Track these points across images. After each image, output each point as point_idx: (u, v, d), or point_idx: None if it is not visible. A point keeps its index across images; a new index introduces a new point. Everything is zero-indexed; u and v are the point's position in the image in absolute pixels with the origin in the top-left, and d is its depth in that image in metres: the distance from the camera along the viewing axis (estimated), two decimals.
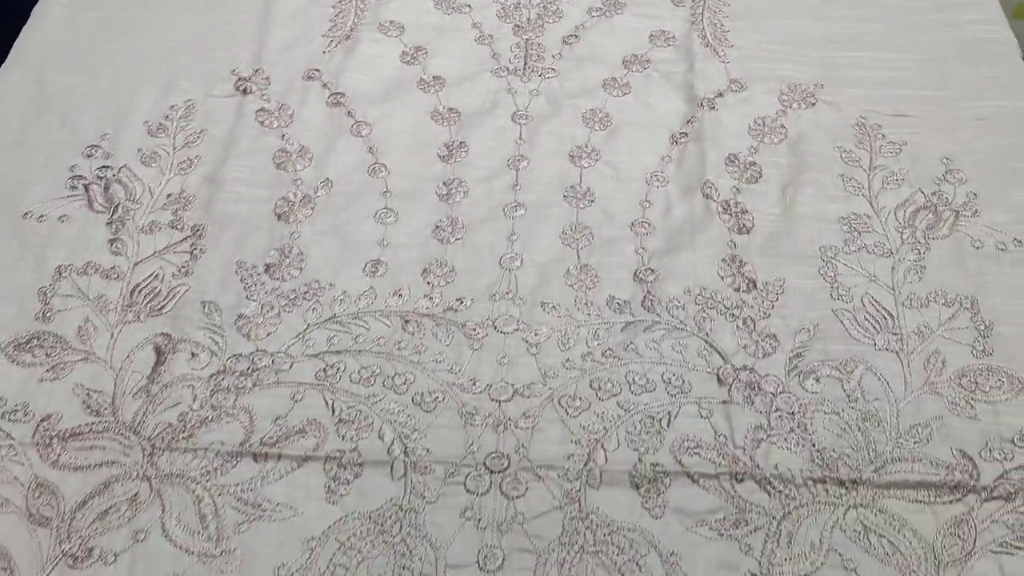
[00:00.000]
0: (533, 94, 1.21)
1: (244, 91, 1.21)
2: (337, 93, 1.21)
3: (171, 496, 0.86)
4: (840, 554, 0.82)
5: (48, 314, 0.99)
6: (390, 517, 0.85)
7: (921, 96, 1.19)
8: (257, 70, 1.23)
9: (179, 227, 1.07)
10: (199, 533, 0.84)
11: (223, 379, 0.94)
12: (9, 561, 0.83)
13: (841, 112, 1.18)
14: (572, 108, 1.19)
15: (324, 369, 0.95)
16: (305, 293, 1.01)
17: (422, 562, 0.83)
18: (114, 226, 1.07)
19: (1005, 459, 0.88)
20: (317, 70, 1.24)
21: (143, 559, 0.83)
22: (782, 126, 1.16)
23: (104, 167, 1.13)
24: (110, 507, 0.86)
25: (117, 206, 1.09)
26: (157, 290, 1.02)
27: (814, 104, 1.19)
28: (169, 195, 1.10)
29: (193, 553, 0.83)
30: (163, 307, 1.00)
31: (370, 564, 0.82)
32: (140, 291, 1.01)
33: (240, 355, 0.96)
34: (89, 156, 1.14)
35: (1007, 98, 1.18)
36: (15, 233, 1.06)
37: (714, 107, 1.18)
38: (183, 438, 0.90)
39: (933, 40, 1.25)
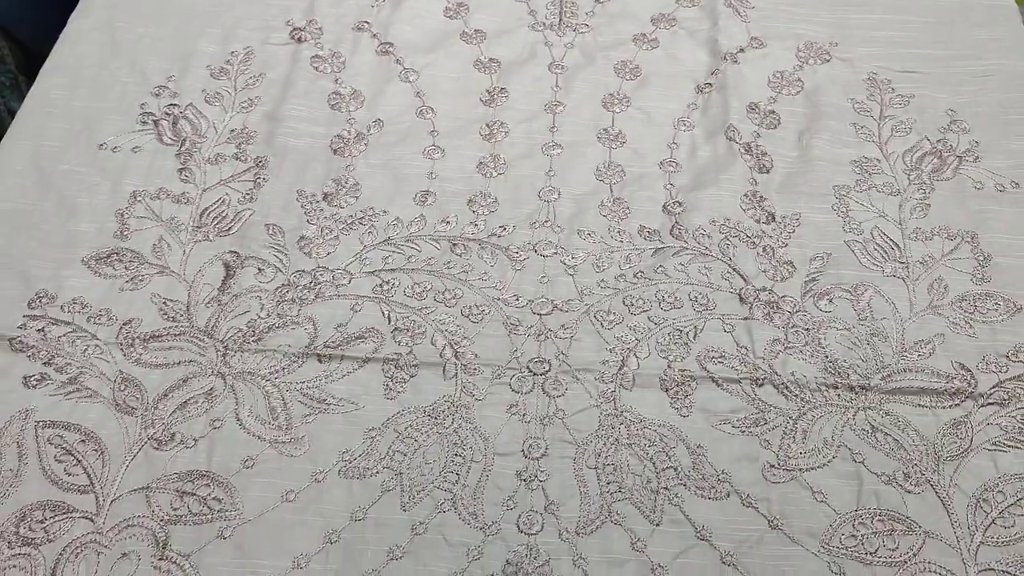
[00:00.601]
0: (568, 47, 1.30)
1: (299, 39, 1.30)
2: (386, 43, 1.30)
3: (243, 391, 0.96)
4: (850, 449, 0.91)
5: (125, 232, 1.08)
6: (443, 411, 0.94)
7: (929, 55, 1.27)
8: (310, 21, 1.32)
9: (242, 159, 1.16)
10: (270, 423, 0.94)
11: (288, 291, 1.03)
12: (99, 443, 0.92)
13: (854, 68, 1.26)
14: (604, 60, 1.28)
15: (380, 284, 1.04)
16: (361, 218, 1.10)
17: (472, 450, 0.92)
18: (182, 157, 1.16)
19: (1000, 371, 0.97)
20: (366, 22, 1.32)
21: (220, 444, 0.92)
22: (799, 79, 1.25)
23: (172, 105, 1.22)
24: (189, 399, 0.95)
25: (185, 139, 1.18)
26: (224, 213, 1.11)
27: (829, 60, 1.28)
28: (232, 131, 1.19)
29: (265, 439, 0.93)
30: (230, 228, 1.09)
31: (426, 451, 0.92)
32: (208, 214, 1.10)
33: (303, 271, 1.05)
34: (157, 95, 1.23)
35: (1007, 58, 1.26)
36: (92, 161, 1.15)
37: (736, 61, 1.27)
38: (252, 341, 0.99)
39: (940, 4, 1.34)
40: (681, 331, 1.00)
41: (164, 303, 1.02)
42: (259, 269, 1.05)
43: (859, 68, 1.26)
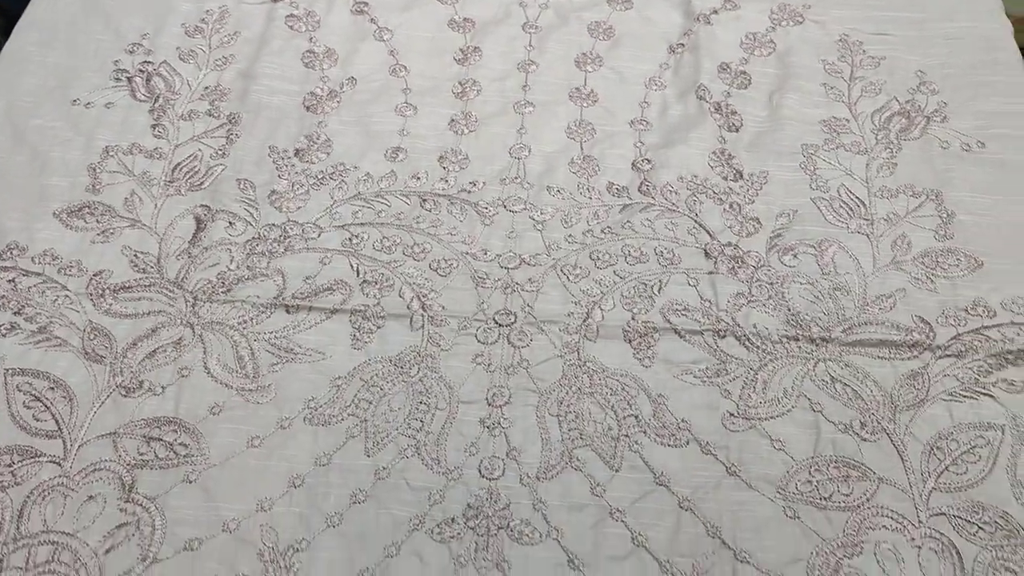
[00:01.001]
0: (542, 7, 1.30)
1: None
2: (360, 2, 1.30)
3: (212, 340, 0.97)
4: (809, 399, 0.93)
5: (97, 187, 1.09)
6: (409, 361, 0.95)
7: (902, 17, 1.28)
8: None
9: (216, 115, 1.17)
10: (237, 371, 0.95)
11: (258, 244, 1.04)
12: (68, 391, 0.93)
13: (826, 30, 1.27)
14: (578, 20, 1.29)
15: (349, 238, 1.05)
16: (332, 174, 1.11)
17: (437, 398, 0.93)
18: (156, 113, 1.16)
19: (959, 324, 0.98)
20: None
21: (188, 391, 0.93)
22: (771, 41, 1.26)
23: (146, 62, 1.22)
24: (157, 348, 0.96)
25: (158, 96, 1.18)
26: (196, 169, 1.11)
27: (802, 22, 1.28)
28: (206, 88, 1.20)
29: (232, 387, 0.94)
30: (202, 183, 1.10)
31: (391, 399, 0.93)
32: (181, 169, 1.11)
33: (273, 225, 1.06)
34: (131, 53, 1.23)
35: (978, 20, 1.27)
36: (65, 117, 1.16)
37: (709, 22, 1.28)
38: (221, 292, 1.00)
39: None
40: (646, 285, 1.01)
41: (135, 255, 1.03)
42: (230, 222, 1.06)
43: (831, 30, 1.27)
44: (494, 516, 0.86)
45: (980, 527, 0.85)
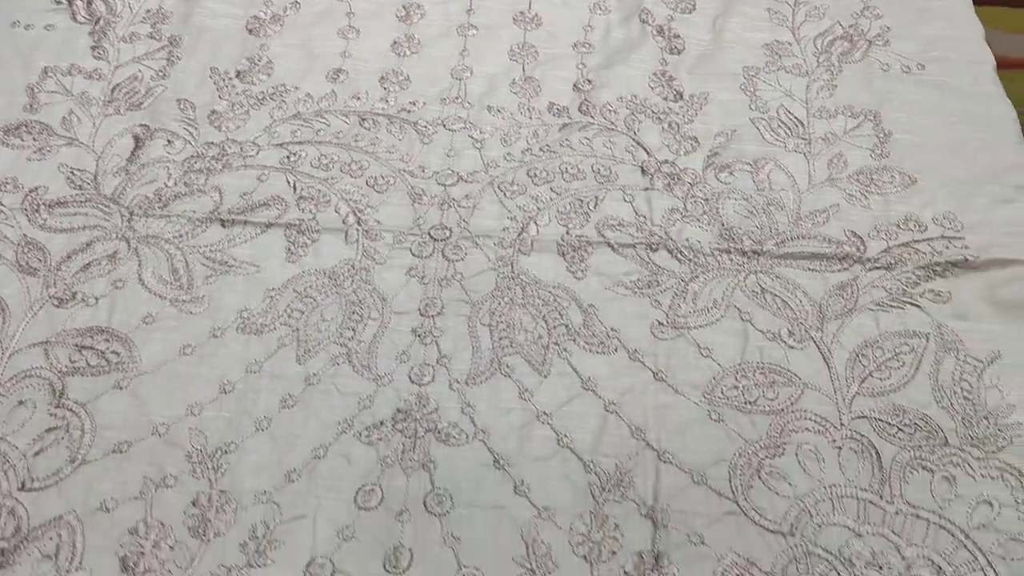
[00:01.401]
0: None
1: None
2: None
3: (147, 253, 0.97)
4: (738, 308, 0.94)
5: (35, 106, 1.09)
6: (343, 273, 0.96)
7: None
8: None
9: (157, 38, 1.16)
10: (171, 283, 0.95)
11: (196, 162, 1.04)
12: (1, 302, 0.93)
13: None
14: None
15: (287, 156, 1.05)
16: (272, 94, 1.10)
17: (370, 308, 0.93)
18: (96, 36, 1.16)
19: (890, 238, 0.99)
20: None
21: (121, 302, 0.93)
22: None
23: None
24: (92, 261, 0.96)
25: (99, 19, 1.17)
26: (136, 89, 1.11)
27: None
28: (148, 11, 1.19)
29: (166, 298, 0.94)
30: (142, 103, 1.09)
31: (324, 310, 0.93)
32: (120, 89, 1.11)
33: (211, 143, 1.06)
34: None
35: None
36: (4, 38, 1.15)
37: None
38: (158, 207, 1.00)
39: None
40: (582, 201, 1.02)
41: (72, 172, 1.03)
42: (168, 141, 1.06)
43: None
44: (422, 419, 0.86)
45: (900, 429, 0.86)
